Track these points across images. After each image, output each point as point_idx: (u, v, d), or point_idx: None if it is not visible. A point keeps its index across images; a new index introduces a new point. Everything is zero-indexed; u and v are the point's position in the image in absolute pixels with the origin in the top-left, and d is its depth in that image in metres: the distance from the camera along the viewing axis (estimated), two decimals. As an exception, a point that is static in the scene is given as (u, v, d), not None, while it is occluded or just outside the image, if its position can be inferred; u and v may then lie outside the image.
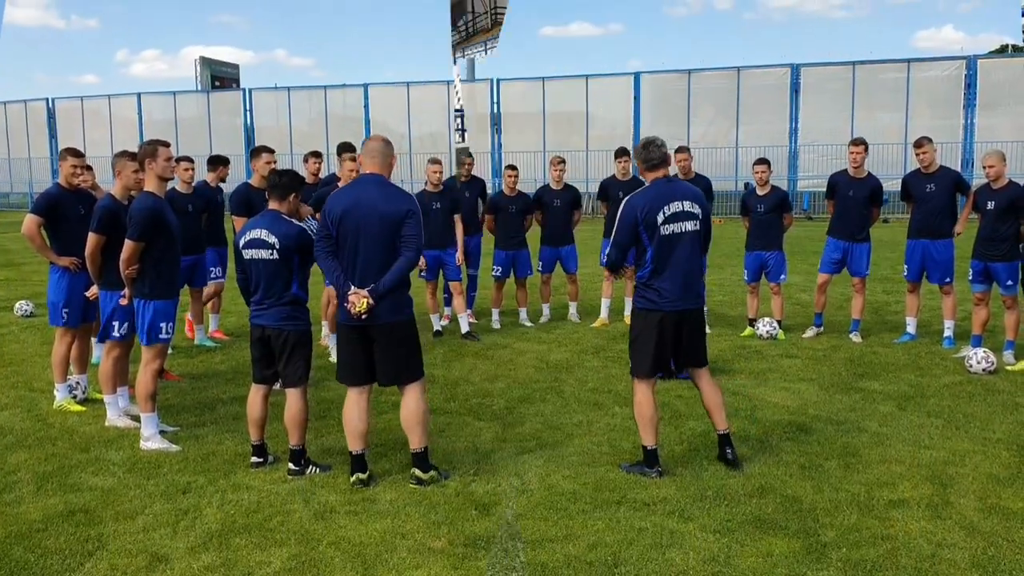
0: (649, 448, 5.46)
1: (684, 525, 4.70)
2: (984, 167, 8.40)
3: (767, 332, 9.61)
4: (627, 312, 10.52)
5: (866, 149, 9.41)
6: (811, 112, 30.82)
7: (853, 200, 9.40)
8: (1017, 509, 4.85)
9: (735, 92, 31.71)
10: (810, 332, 9.69)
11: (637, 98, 32.64)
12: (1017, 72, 29.48)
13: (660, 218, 5.38)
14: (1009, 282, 8.24)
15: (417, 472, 5.30)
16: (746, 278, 9.90)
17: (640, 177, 5.84)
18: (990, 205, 8.28)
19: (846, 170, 9.57)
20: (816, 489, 5.18)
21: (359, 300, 5.07)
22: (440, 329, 10.07)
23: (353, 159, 8.47)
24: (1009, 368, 8.04)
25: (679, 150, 9.72)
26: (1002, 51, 43.88)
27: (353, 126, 34.09)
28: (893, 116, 30.16)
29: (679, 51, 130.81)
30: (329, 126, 35.31)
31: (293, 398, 5.52)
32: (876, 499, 5.02)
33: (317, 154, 10.11)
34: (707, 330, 9.47)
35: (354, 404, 5.34)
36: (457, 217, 9.90)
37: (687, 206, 5.45)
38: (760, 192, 9.79)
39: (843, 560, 4.27)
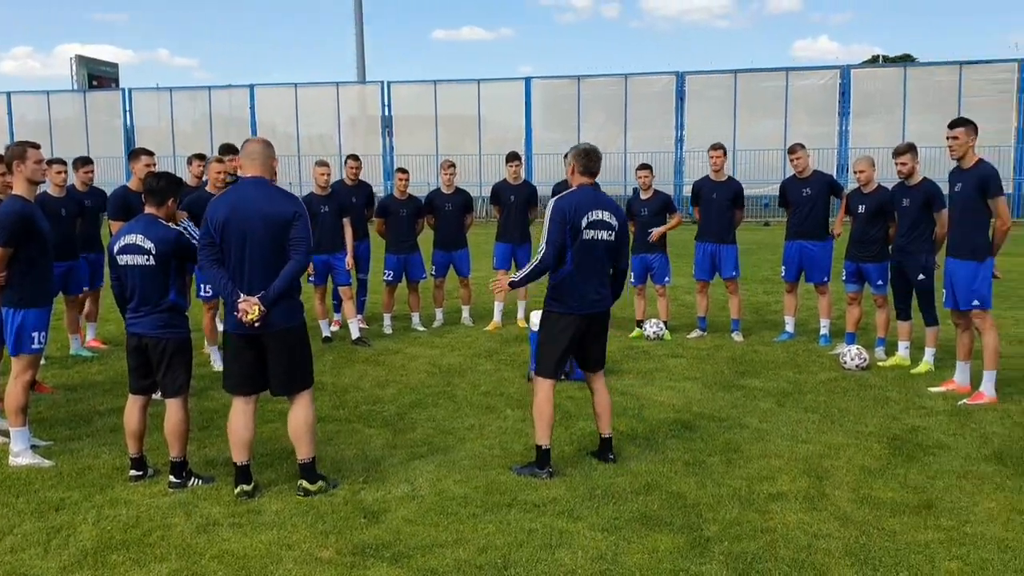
0: (544, 447, 5.52)
1: (573, 525, 4.75)
2: (855, 172, 8.82)
3: (654, 333, 9.83)
4: (520, 315, 10.60)
5: (725, 153, 9.77)
6: (696, 119, 31.71)
7: (716, 203, 9.75)
8: (887, 499, 5.09)
9: (623, 98, 32.37)
10: (695, 333, 9.97)
11: (528, 103, 32.95)
12: (888, 82, 31.10)
13: (584, 222, 5.49)
14: (879, 282, 8.66)
15: (304, 483, 5.20)
16: (632, 280, 10.11)
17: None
18: (861, 209, 8.68)
19: (708, 176, 9.90)
20: (700, 485, 5.33)
21: (250, 308, 4.94)
22: (330, 335, 9.91)
23: (220, 161, 8.35)
24: (880, 364, 8.45)
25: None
26: (874, 61, 46.12)
27: (239, 128, 33.27)
28: (773, 123, 31.36)
29: (569, 57, 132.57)
30: (214, 128, 34.39)
31: (173, 408, 5.34)
32: (756, 493, 5.19)
33: (201, 156, 9.80)
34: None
35: (241, 413, 5.20)
36: (346, 221, 9.78)
37: (606, 216, 5.59)
38: (643, 196, 10.03)
39: (725, 553, 4.40)
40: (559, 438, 6.17)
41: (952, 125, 7.12)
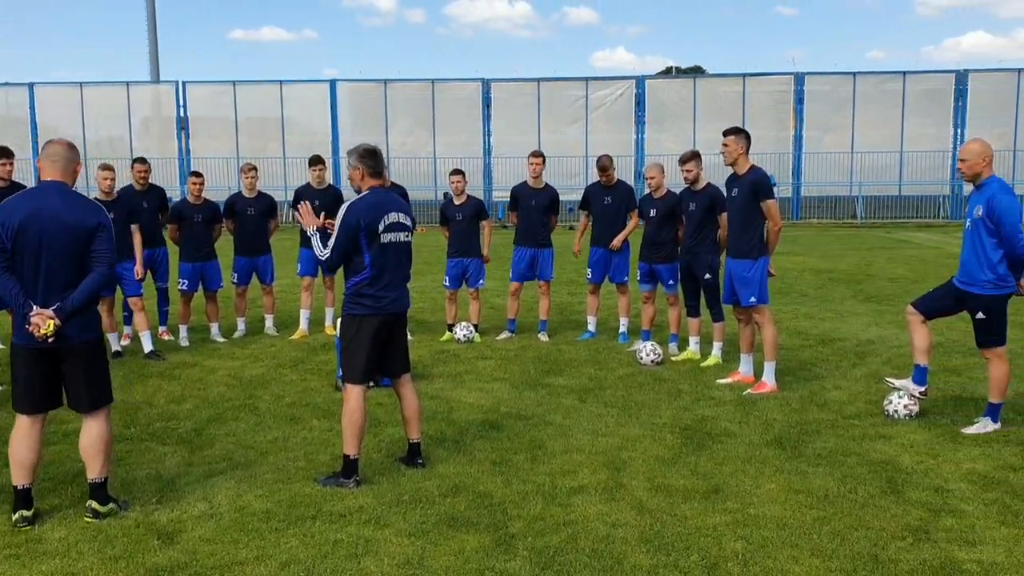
0: (352, 457, 5.43)
1: (380, 532, 4.71)
2: (646, 179, 9.26)
3: (464, 336, 9.92)
4: (328, 322, 10.39)
5: (543, 161, 10.02)
6: (502, 125, 32.42)
7: (535, 209, 9.99)
8: (679, 486, 5.37)
9: (431, 103, 32.56)
10: (504, 335, 10.14)
11: (334, 106, 32.49)
12: (679, 92, 32.98)
13: (381, 226, 5.44)
14: (671, 281, 9.14)
15: (94, 504, 4.88)
16: (447, 284, 10.16)
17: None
18: (652, 213, 9.13)
19: (526, 181, 10.13)
20: (506, 483, 5.42)
21: (43, 322, 4.60)
22: (120, 349, 9.31)
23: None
24: (673, 358, 8.91)
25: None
26: (667, 72, 48.74)
27: (17, 128, 31.00)
28: (575, 130, 32.51)
29: (374, 61, 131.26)
30: (-12, 129, 31.69)
31: (-65, 435, 4.86)
32: (559, 487, 5.34)
33: (-30, 159, 8.98)
34: (409, 337, 9.63)
35: (27, 434, 4.84)
36: (135, 227, 9.25)
37: (402, 218, 5.61)
38: (457, 201, 10.11)
39: (529, 549, 4.49)
40: (367, 445, 6.09)
41: (725, 133, 7.62)
